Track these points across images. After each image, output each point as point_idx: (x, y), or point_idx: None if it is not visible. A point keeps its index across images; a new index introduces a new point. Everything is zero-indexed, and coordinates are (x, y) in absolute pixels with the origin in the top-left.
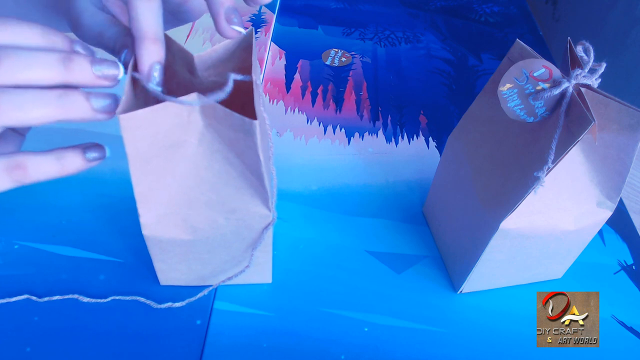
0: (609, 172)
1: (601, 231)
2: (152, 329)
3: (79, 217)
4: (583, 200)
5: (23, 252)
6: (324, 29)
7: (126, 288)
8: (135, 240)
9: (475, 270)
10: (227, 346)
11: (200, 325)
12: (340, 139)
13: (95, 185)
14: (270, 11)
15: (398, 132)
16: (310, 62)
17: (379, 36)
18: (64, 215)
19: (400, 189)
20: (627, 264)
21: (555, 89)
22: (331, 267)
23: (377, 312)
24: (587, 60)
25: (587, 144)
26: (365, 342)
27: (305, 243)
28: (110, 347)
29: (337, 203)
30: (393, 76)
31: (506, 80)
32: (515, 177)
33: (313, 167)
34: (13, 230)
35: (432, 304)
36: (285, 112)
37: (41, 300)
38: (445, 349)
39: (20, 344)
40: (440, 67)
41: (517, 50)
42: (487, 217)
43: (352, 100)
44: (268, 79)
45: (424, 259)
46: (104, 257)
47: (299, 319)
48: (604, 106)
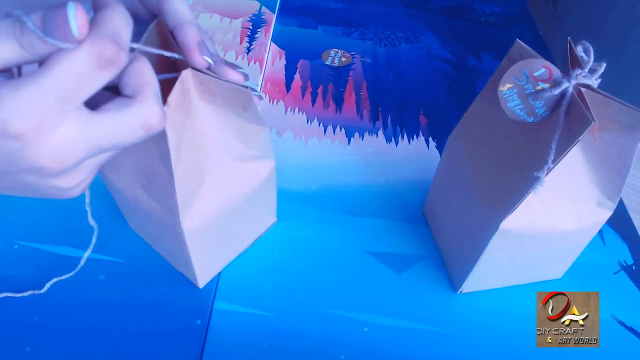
0: (609, 172)
1: (601, 231)
2: (152, 329)
3: (79, 217)
4: (583, 200)
5: (23, 252)
6: (324, 29)
7: (126, 288)
8: (135, 240)
9: (475, 270)
10: (227, 346)
11: (200, 325)
12: (340, 139)
13: (95, 185)
14: (270, 11)
15: (398, 132)
16: (310, 62)
17: (379, 36)
18: (64, 215)
19: (400, 189)
20: (627, 264)
21: (555, 89)
22: (331, 267)
23: (377, 312)
24: (587, 60)
25: (587, 144)
26: (365, 342)
27: (305, 243)
28: (110, 347)
29: (337, 203)
30: (393, 76)
31: (506, 80)
32: (515, 177)
33: (313, 167)
34: (13, 230)
35: (432, 304)
36: (285, 112)
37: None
38: (445, 349)
39: (20, 344)
40: (440, 67)
41: (517, 50)
42: (487, 217)
43: (352, 100)
44: (268, 79)
45: (424, 259)
46: (104, 257)
47: (299, 319)
48: (604, 106)
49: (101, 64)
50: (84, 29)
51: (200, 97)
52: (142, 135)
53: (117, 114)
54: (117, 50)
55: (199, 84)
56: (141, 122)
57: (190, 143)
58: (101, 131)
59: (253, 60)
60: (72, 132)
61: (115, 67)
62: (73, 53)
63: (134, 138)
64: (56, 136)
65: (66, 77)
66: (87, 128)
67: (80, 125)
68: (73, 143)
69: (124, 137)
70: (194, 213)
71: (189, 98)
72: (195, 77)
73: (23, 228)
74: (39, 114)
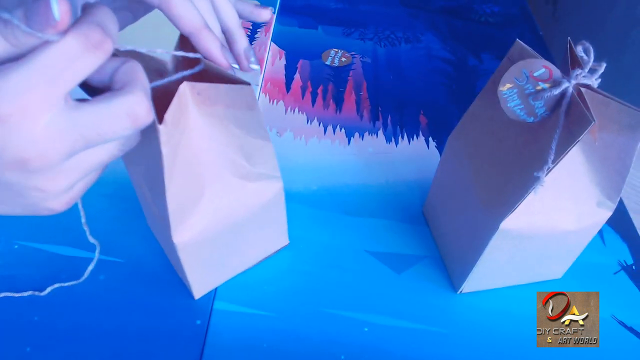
0: (609, 172)
1: (601, 231)
2: (152, 329)
3: (79, 217)
4: (583, 200)
5: (23, 252)
6: (324, 29)
7: (126, 288)
8: (135, 240)
9: (475, 270)
10: (227, 346)
11: (200, 325)
12: (340, 139)
13: (95, 185)
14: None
15: (398, 132)
16: (310, 62)
17: (379, 36)
18: (64, 215)
19: (400, 189)
20: (627, 264)
21: (555, 89)
22: (331, 267)
23: (377, 312)
24: (587, 60)
25: (587, 144)
26: (365, 342)
27: (305, 243)
28: (110, 347)
29: (337, 203)
30: (393, 76)
31: (506, 80)
32: (515, 177)
33: (313, 167)
34: (13, 230)
35: (432, 304)
36: (285, 112)
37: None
38: (445, 349)
39: (20, 344)
40: (440, 67)
41: (517, 50)
42: (487, 217)
43: (352, 100)
44: (268, 79)
45: (424, 259)
46: (104, 257)
47: (299, 319)
48: (604, 106)
49: (88, 46)
50: (67, 16)
51: (199, 111)
52: (129, 125)
53: (103, 103)
54: (104, 35)
55: (197, 95)
56: (126, 110)
57: (188, 159)
58: (86, 118)
59: None
60: (57, 122)
61: (102, 52)
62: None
63: (120, 128)
64: (41, 124)
65: (54, 58)
66: (73, 115)
67: (66, 116)
68: (58, 133)
69: (110, 126)
70: (187, 229)
71: (187, 114)
72: (192, 89)
73: (23, 228)
74: (26, 96)
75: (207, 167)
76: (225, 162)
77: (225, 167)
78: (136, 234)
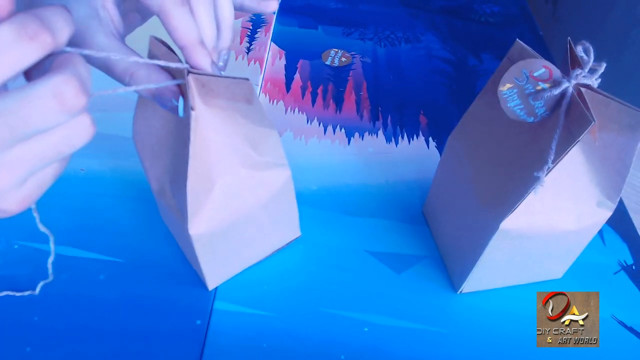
0: (609, 172)
1: (601, 231)
2: (152, 329)
3: (79, 217)
4: (583, 200)
5: (23, 252)
6: (324, 29)
7: (126, 288)
8: (135, 240)
9: (475, 270)
10: (227, 346)
11: (200, 325)
12: (340, 139)
13: (95, 185)
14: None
15: (398, 132)
16: (310, 62)
17: (379, 36)
18: (64, 215)
19: (400, 189)
20: (627, 264)
21: (555, 89)
22: (331, 267)
23: (377, 312)
24: (587, 60)
25: (587, 144)
26: (365, 342)
27: (305, 243)
28: (110, 347)
29: (337, 203)
30: (393, 76)
31: (506, 80)
32: (515, 177)
33: (313, 167)
34: (13, 230)
35: (432, 304)
36: (285, 112)
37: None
38: (445, 349)
39: (20, 344)
40: (440, 67)
41: (517, 50)
42: (487, 217)
43: (352, 100)
44: (268, 79)
45: (424, 259)
46: (104, 257)
47: (299, 319)
48: (604, 106)
49: (22, 36)
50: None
51: (203, 102)
52: (56, 108)
53: (27, 87)
54: (41, 27)
55: (202, 87)
56: (52, 90)
57: (198, 150)
58: (7, 103)
59: (253, 60)
60: None
61: (38, 43)
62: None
63: (47, 111)
64: None
65: None
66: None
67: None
68: None
69: (35, 109)
70: (201, 220)
71: (194, 105)
72: (197, 81)
73: (23, 228)
74: None
75: (217, 159)
76: (233, 152)
77: (234, 158)
78: (136, 234)
